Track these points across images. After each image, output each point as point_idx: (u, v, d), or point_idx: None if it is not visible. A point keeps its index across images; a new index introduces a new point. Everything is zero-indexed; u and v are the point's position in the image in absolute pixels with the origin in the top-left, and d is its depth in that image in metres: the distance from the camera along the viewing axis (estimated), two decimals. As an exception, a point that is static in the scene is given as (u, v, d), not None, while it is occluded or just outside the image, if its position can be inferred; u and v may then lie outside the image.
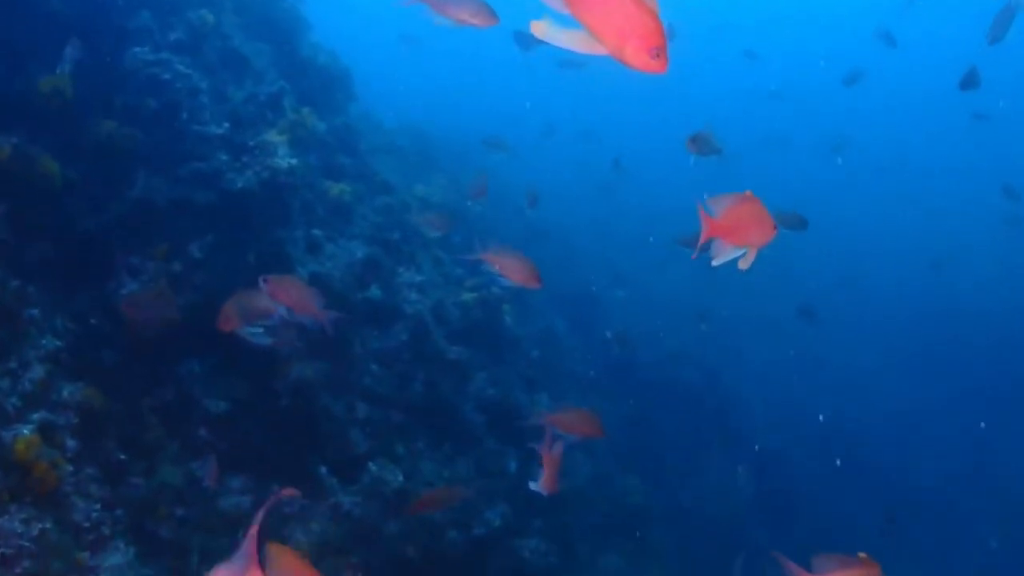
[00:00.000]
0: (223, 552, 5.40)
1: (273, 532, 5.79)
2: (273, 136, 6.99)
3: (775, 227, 3.14)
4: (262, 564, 2.17)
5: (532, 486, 4.82)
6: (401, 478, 6.27)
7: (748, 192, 3.14)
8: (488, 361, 7.82)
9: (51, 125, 6.20)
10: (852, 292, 20.87)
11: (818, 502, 14.79)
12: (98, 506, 4.98)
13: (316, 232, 7.06)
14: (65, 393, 5.35)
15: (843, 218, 23.51)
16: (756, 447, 14.57)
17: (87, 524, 4.82)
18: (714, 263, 3.26)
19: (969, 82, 7.30)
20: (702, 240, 3.22)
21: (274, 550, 2.31)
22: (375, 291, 7.04)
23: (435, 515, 6.42)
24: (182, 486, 5.70)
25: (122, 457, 5.57)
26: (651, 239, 16.23)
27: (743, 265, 3.27)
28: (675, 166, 13.99)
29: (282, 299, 5.18)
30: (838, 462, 14.50)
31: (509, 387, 7.85)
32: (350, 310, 6.74)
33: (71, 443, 5.14)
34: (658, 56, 2.02)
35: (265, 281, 5.15)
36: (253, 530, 2.20)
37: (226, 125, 6.87)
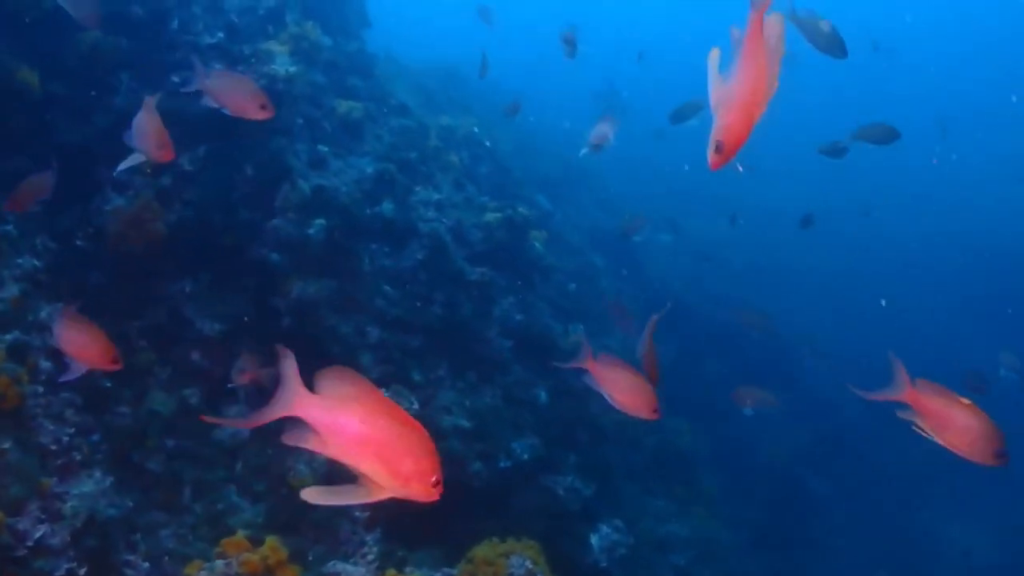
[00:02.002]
0: (218, 485, 4.93)
1: (273, 464, 5.31)
2: (273, 46, 6.48)
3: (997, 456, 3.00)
4: None
5: None
6: (416, 405, 5.74)
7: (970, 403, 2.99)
8: (516, 286, 7.22)
9: (30, 37, 5.73)
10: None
11: (871, 447, 14.14)
12: (71, 430, 4.52)
13: (322, 148, 6.52)
14: (43, 314, 4.92)
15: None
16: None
17: (55, 448, 4.36)
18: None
19: None
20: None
21: None
22: (387, 207, 6.47)
23: (456, 445, 5.90)
24: (173, 415, 5.22)
25: (107, 384, 5.12)
26: (687, 167, 15.56)
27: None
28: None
29: None
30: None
31: (539, 314, 7.26)
32: (357, 226, 6.20)
33: (46, 364, 4.71)
34: None
35: None
36: None
37: (220, 35, 6.37)
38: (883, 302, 14.42)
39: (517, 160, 12.15)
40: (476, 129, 10.30)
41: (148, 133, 4.39)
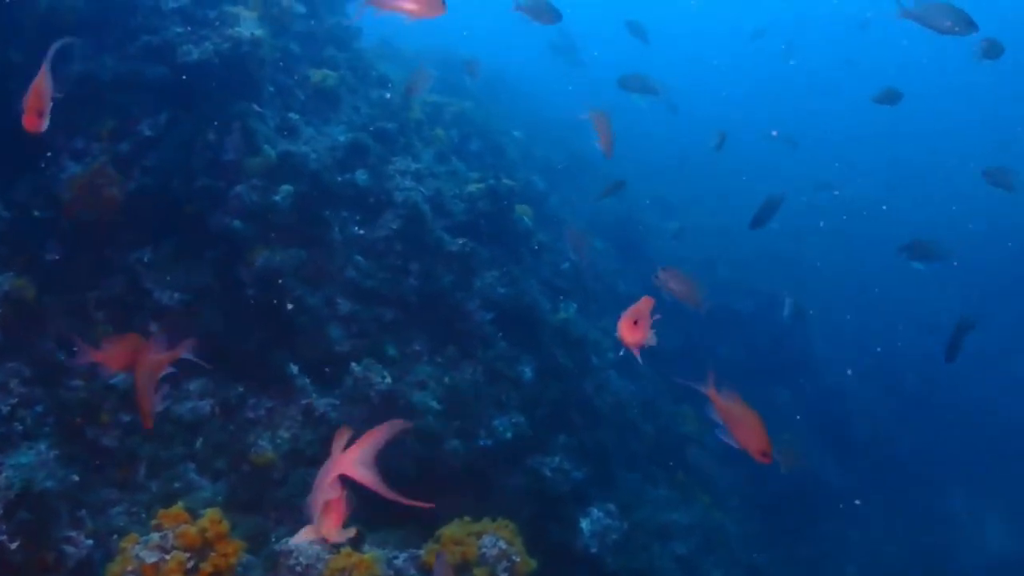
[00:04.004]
0: (176, 462, 4.65)
1: (234, 440, 5.04)
2: (240, 10, 6.20)
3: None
4: None
5: None
6: (389, 380, 5.43)
7: None
8: (502, 260, 6.90)
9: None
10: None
11: (881, 434, 13.86)
12: (14, 401, 4.27)
13: (293, 116, 6.25)
14: (-7, 281, 4.67)
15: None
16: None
17: (-10, 417, 4.11)
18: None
19: None
20: None
21: None
22: (361, 175, 6.19)
23: (431, 421, 5.60)
24: (130, 389, 4.95)
25: (61, 357, 4.87)
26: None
27: None
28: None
29: None
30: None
31: (527, 289, 6.93)
32: (328, 193, 5.93)
33: (-10, 335, 4.46)
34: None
35: None
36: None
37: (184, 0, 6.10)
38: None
39: (518, 147, 11.88)
40: (467, 108, 10.02)
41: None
